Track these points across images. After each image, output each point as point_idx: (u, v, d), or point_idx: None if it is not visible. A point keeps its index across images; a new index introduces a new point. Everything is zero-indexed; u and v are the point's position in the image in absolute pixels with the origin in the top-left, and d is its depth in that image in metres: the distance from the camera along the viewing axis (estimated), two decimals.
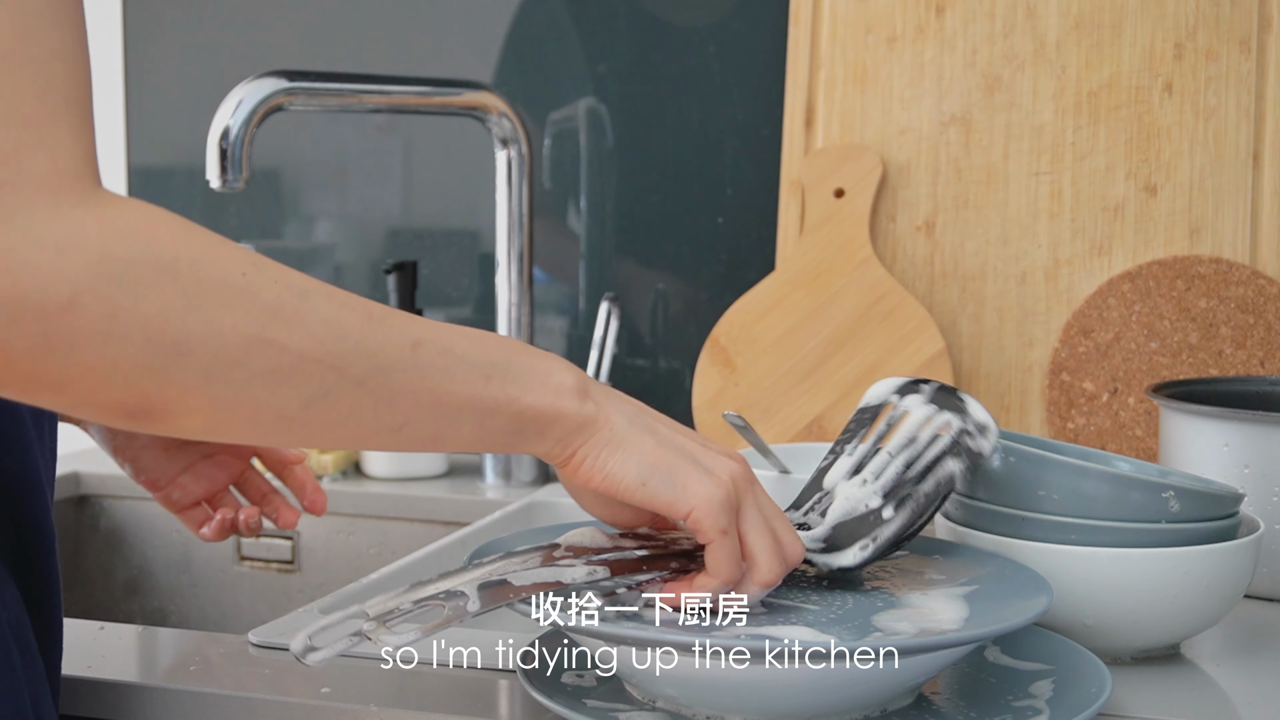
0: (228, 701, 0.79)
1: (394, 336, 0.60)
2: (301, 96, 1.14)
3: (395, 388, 0.60)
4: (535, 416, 0.65)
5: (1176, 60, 1.20)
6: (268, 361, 0.56)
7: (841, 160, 1.25)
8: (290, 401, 0.57)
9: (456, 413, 0.62)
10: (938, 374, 1.20)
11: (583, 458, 0.66)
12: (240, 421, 0.57)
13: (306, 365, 0.57)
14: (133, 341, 0.53)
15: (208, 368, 0.55)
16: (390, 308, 0.61)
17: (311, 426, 0.58)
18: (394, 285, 1.36)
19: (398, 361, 0.60)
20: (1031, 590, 0.75)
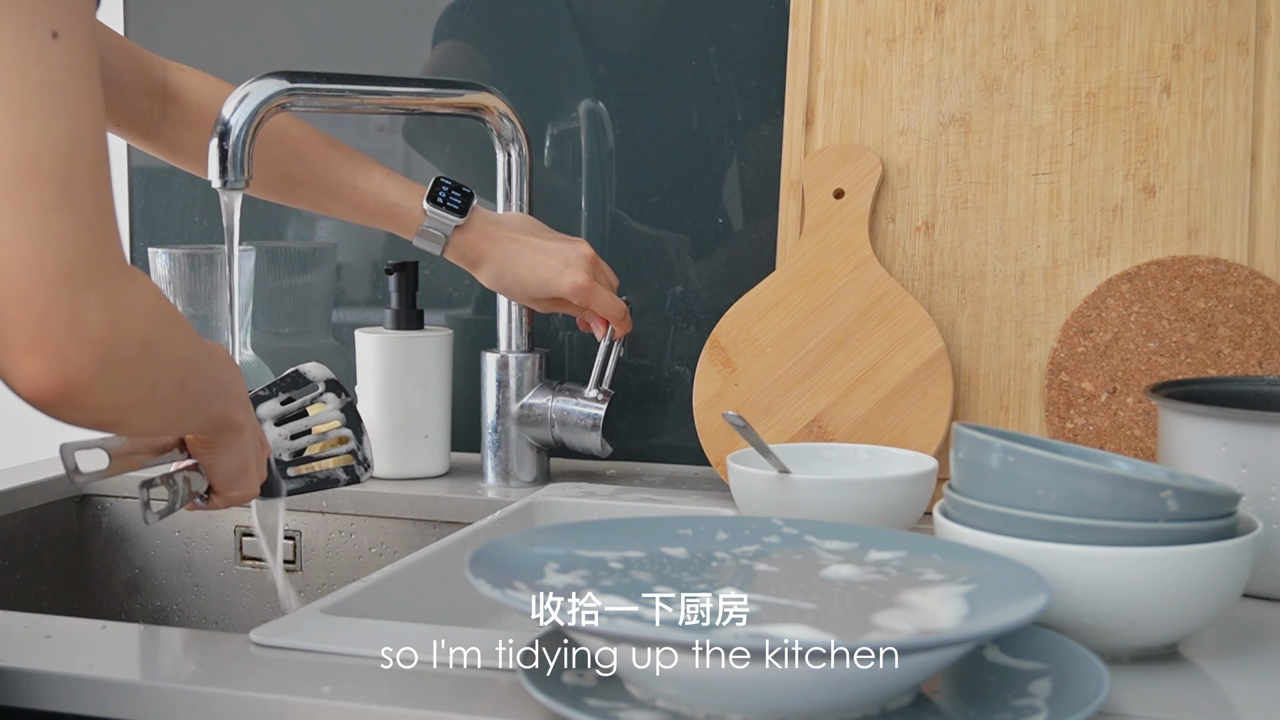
0: (229, 701, 0.79)
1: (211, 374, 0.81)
2: (302, 97, 1.15)
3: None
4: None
5: (1175, 61, 1.20)
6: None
7: (841, 161, 1.25)
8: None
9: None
10: (937, 374, 1.20)
11: None
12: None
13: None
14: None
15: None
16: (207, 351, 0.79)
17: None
18: (394, 285, 1.36)
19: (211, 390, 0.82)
20: (1030, 589, 0.75)
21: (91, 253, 0.65)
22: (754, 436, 1.04)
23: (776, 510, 1.04)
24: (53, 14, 0.65)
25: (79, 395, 0.67)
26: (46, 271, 0.64)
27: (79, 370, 0.65)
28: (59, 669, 0.82)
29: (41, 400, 0.67)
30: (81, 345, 0.65)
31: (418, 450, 1.35)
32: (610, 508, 1.24)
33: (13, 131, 0.63)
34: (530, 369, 1.33)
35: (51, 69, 0.64)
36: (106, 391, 0.67)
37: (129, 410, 0.71)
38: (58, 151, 0.64)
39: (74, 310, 0.65)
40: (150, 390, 0.71)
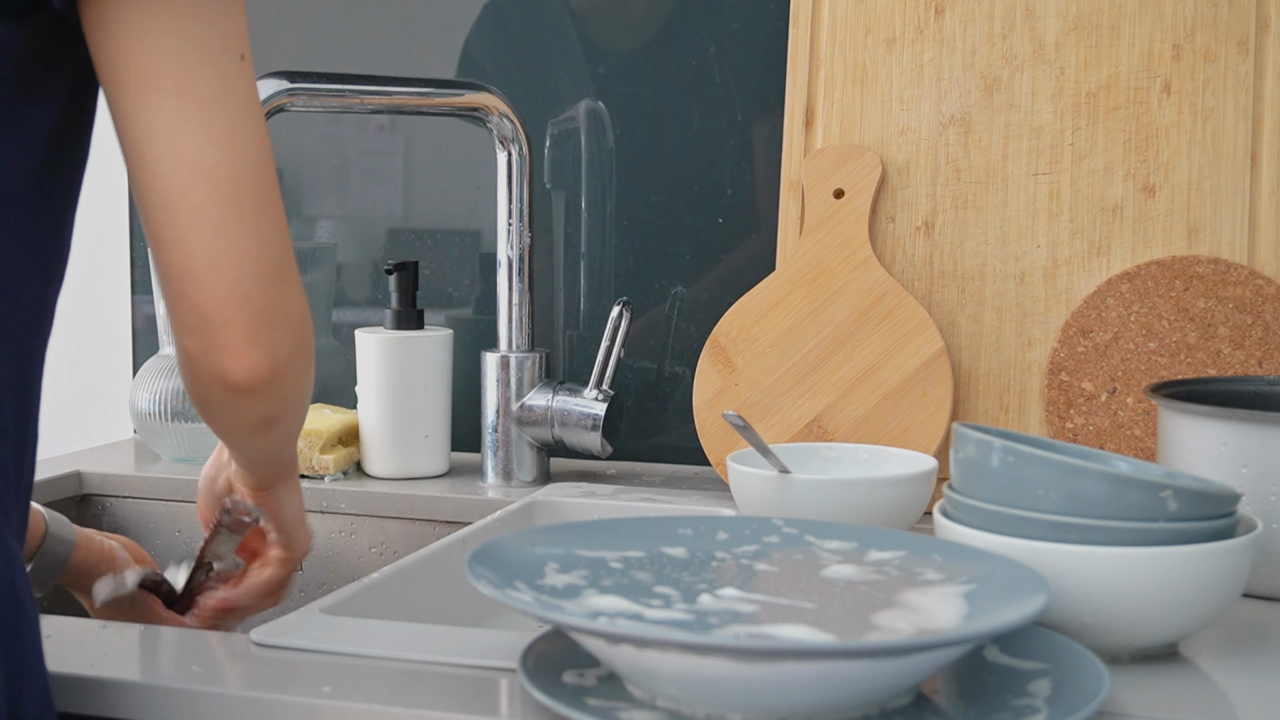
0: (229, 701, 0.79)
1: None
2: (303, 97, 1.15)
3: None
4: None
5: (1175, 61, 1.20)
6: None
7: (841, 161, 1.25)
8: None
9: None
10: (937, 373, 1.20)
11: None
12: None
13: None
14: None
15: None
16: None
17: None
18: (394, 285, 1.36)
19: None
20: (1030, 589, 0.75)
21: (286, 252, 0.73)
22: (754, 436, 1.04)
23: (776, 510, 1.04)
24: (240, 38, 0.71)
25: (281, 379, 0.74)
26: (262, 273, 0.71)
27: (288, 355, 0.73)
28: (59, 669, 0.82)
29: (253, 386, 0.73)
30: (288, 332, 0.73)
31: (418, 450, 1.35)
32: (610, 508, 1.24)
33: (227, 152, 0.70)
34: (530, 369, 1.33)
35: (246, 90, 0.71)
36: (298, 375, 0.76)
37: (293, 404, 0.78)
38: (260, 163, 0.72)
39: (282, 303, 0.73)
40: (308, 385, 0.79)
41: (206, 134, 0.70)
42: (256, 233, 0.71)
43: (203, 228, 0.70)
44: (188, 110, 0.70)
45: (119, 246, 1.63)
